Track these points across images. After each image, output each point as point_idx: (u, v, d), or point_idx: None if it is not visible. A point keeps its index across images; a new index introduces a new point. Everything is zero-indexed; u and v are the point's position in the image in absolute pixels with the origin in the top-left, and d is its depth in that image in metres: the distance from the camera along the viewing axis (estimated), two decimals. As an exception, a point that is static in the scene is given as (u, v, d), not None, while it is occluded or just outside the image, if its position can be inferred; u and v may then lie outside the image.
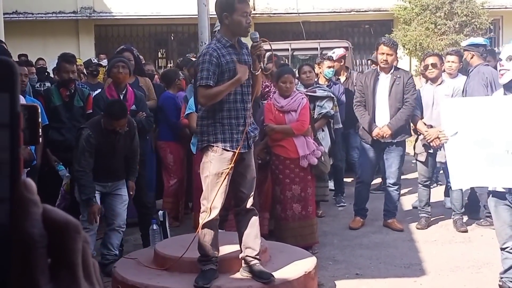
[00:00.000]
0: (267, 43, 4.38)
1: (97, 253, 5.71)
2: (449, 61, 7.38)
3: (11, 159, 0.54)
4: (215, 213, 4.44)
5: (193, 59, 8.61)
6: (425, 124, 6.80)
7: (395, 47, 6.93)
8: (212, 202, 4.41)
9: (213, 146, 4.42)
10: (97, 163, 5.40)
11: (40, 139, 0.64)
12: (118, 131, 5.38)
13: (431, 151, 6.87)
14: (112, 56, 7.01)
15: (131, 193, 5.71)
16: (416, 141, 7.17)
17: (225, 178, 4.39)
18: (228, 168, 4.39)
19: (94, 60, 10.53)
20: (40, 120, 0.63)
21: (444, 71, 7.27)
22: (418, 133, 7.01)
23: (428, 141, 6.65)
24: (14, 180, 0.53)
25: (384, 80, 6.84)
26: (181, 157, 7.15)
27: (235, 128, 4.41)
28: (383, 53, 6.77)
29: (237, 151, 4.37)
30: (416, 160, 7.20)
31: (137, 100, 6.30)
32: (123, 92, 6.24)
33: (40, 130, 0.63)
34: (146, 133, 6.43)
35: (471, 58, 7.16)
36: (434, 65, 6.90)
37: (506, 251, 4.56)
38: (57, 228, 0.53)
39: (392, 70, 6.89)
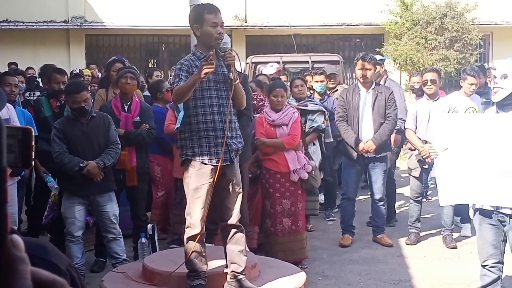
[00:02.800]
0: (235, 54, 4.29)
1: (87, 261, 5.83)
2: (473, 83, 6.73)
3: None
4: (196, 228, 4.38)
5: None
6: (420, 140, 6.79)
7: (374, 61, 6.85)
8: (193, 217, 4.37)
9: (191, 160, 4.37)
10: (72, 153, 5.42)
11: (33, 162, 0.61)
12: (84, 107, 5.39)
13: (426, 166, 6.86)
14: (121, 67, 6.79)
15: (85, 166, 5.40)
16: (410, 156, 7.15)
17: (205, 193, 4.33)
18: (207, 183, 4.32)
19: (75, 70, 10.53)
20: (33, 143, 0.61)
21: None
22: (413, 148, 6.99)
23: (424, 156, 6.57)
24: (1, 237, 0.51)
25: (366, 96, 6.79)
26: (169, 169, 7.10)
27: (213, 140, 4.33)
28: (361, 68, 6.74)
29: (219, 165, 4.27)
30: (410, 175, 7.19)
31: (142, 111, 6.17)
32: (128, 103, 6.18)
33: (33, 153, 0.60)
34: (146, 145, 6.30)
35: (384, 70, 8.53)
36: (433, 81, 6.89)
37: (486, 269, 4.58)
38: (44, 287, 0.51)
39: (373, 85, 6.84)
